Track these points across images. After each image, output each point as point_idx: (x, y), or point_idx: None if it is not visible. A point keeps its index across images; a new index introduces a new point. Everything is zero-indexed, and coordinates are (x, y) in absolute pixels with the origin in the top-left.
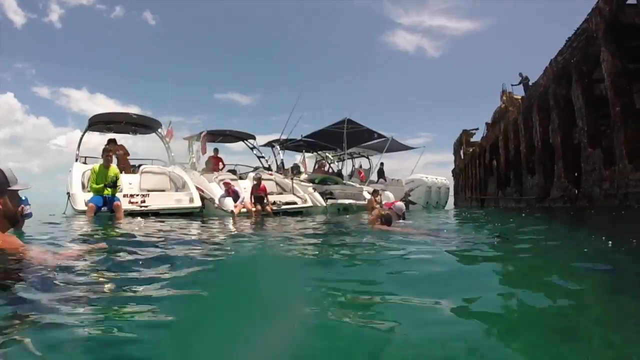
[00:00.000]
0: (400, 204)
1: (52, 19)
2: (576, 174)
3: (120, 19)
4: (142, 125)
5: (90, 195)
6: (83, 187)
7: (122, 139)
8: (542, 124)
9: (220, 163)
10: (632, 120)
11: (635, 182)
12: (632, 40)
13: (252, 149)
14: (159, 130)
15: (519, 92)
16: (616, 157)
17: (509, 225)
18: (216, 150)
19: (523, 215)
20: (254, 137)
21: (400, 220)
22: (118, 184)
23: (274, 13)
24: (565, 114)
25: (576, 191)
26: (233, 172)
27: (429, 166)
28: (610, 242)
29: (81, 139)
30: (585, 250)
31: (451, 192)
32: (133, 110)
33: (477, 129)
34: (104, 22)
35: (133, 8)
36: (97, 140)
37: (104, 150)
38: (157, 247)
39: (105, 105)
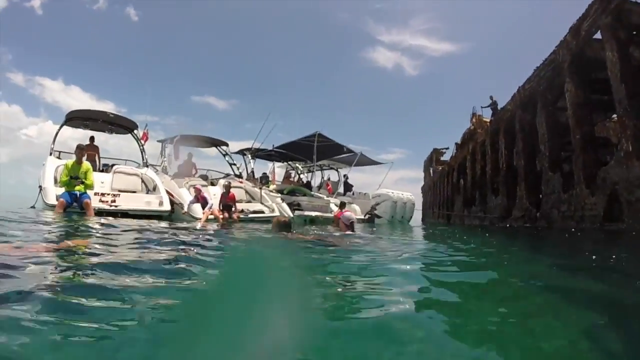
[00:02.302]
0: (348, 214)
1: (34, 5)
2: (537, 196)
3: (103, 12)
4: (118, 125)
5: (62, 190)
6: (55, 181)
7: (96, 134)
8: (507, 147)
9: (194, 168)
10: (590, 148)
11: (591, 206)
12: (596, 73)
13: (224, 155)
14: (135, 131)
15: (487, 114)
16: (574, 181)
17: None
18: (190, 155)
19: (487, 235)
20: (227, 144)
21: (348, 232)
22: (89, 181)
23: (258, 21)
24: (529, 138)
25: (536, 212)
26: (204, 177)
27: (400, 182)
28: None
29: (57, 133)
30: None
31: (418, 207)
32: (108, 106)
33: (447, 148)
34: (86, 13)
35: (116, 2)
36: (69, 134)
37: (78, 146)
38: (121, 247)
39: (80, 98)
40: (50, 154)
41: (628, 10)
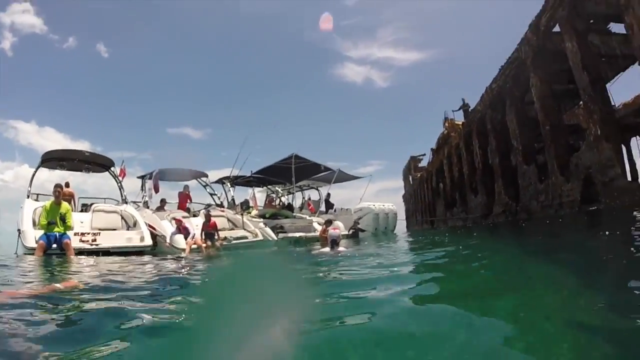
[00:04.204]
0: (333, 232)
1: (4, 47)
2: (515, 190)
3: (73, 50)
4: (95, 163)
5: (41, 232)
6: (34, 223)
7: (70, 175)
8: (481, 147)
9: (188, 199)
10: (561, 137)
11: (568, 192)
12: (557, 64)
13: (204, 186)
14: (112, 168)
15: (460, 117)
16: (549, 171)
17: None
18: (186, 187)
19: (474, 234)
20: (206, 175)
21: (334, 248)
22: (68, 222)
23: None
24: (501, 136)
25: (516, 206)
26: (187, 209)
27: (382, 193)
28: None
29: (33, 175)
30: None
31: (402, 217)
32: (83, 145)
33: (424, 154)
34: (56, 53)
35: (86, 39)
36: (45, 177)
37: (55, 186)
38: (109, 287)
39: (55, 139)
40: (28, 197)
41: (584, 0)
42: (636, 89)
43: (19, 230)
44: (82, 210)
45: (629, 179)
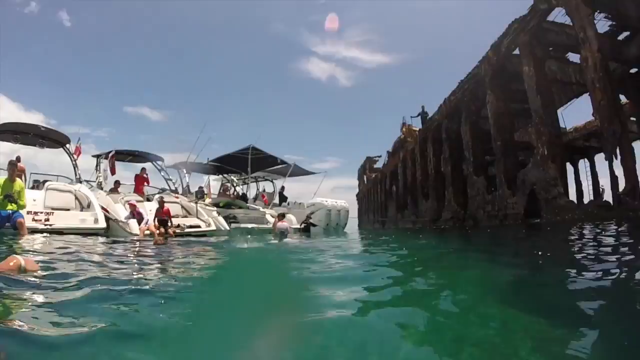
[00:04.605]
0: (281, 225)
1: None
2: (464, 199)
3: (34, 16)
4: (50, 139)
5: None
6: None
7: (21, 149)
8: (435, 154)
9: (146, 182)
10: (510, 153)
11: (513, 205)
12: (515, 85)
13: (160, 170)
14: (67, 145)
15: (417, 124)
16: (497, 184)
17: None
18: (143, 170)
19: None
20: (162, 159)
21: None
22: (22, 201)
23: (192, 28)
24: (455, 146)
25: (464, 213)
26: (142, 193)
27: (336, 190)
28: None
29: None
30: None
31: (353, 215)
32: (36, 117)
33: (380, 156)
34: (16, 17)
35: (49, 5)
36: None
37: (10, 163)
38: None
39: (7, 108)
40: None
41: (545, 29)
42: (588, 115)
43: None
44: (32, 187)
45: (575, 197)
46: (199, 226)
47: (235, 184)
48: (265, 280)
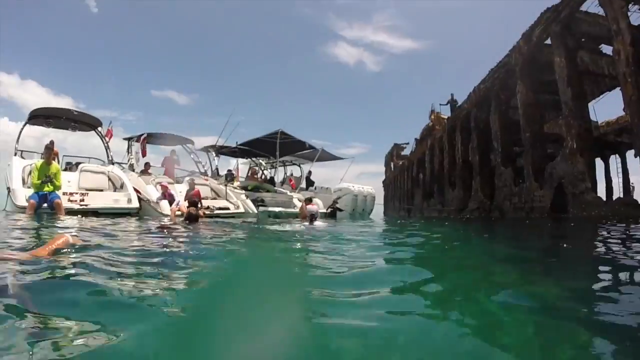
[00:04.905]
0: (311, 207)
1: None
2: (491, 189)
3: (62, 1)
4: (82, 122)
5: (32, 191)
6: (23, 182)
7: (51, 132)
8: (463, 143)
9: (176, 165)
10: (539, 145)
11: (540, 198)
12: (547, 75)
13: (190, 153)
14: (99, 128)
15: (446, 112)
16: (524, 175)
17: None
18: (173, 152)
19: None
20: (192, 142)
21: (315, 222)
22: (58, 182)
23: (217, 14)
24: (483, 135)
25: (490, 204)
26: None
27: (362, 176)
28: None
29: (20, 132)
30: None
31: (379, 201)
32: (65, 101)
33: (407, 143)
34: (44, 2)
35: None
36: (25, 132)
37: (46, 147)
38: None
39: (37, 93)
40: (15, 154)
41: (578, 19)
42: (621, 110)
43: (8, 188)
44: (65, 169)
45: (604, 194)
46: (227, 208)
47: (263, 168)
48: (289, 270)
